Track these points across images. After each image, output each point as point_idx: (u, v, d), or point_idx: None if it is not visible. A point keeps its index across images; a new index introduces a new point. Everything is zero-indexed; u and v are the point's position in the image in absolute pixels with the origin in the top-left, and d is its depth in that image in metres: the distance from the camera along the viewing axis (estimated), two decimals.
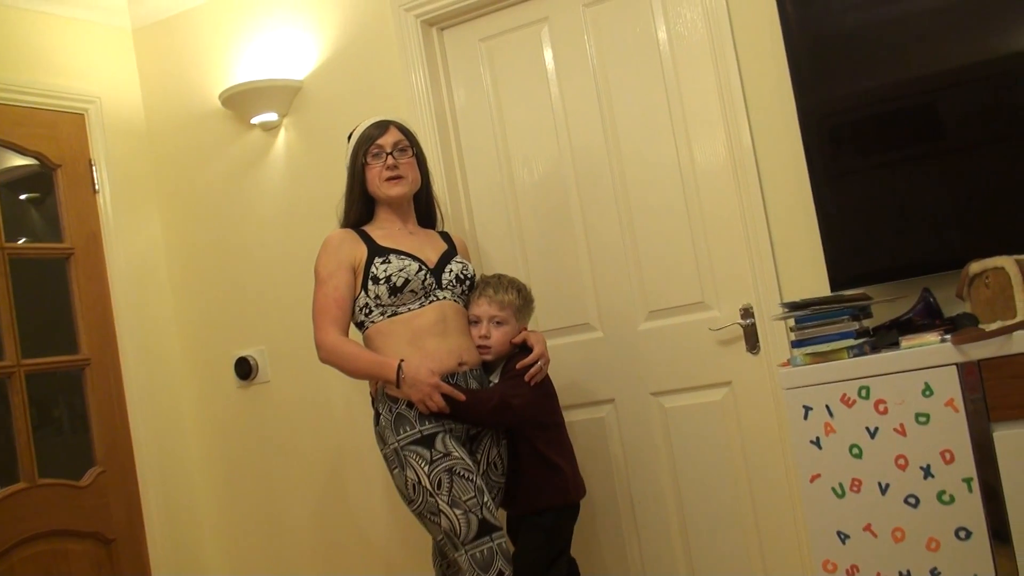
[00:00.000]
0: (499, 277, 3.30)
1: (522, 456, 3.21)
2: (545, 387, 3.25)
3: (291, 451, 4.19)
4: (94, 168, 4.21)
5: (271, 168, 4.18)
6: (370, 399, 3.23)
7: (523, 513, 3.23)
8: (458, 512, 2.94)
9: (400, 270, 3.11)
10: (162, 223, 4.44)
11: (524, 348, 3.24)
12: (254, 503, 4.28)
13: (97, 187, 4.21)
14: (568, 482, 3.22)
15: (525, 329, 3.30)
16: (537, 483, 3.19)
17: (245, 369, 4.22)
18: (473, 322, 3.24)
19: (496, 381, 3.24)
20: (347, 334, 3.15)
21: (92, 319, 4.13)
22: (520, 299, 3.26)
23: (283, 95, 4.08)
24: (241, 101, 4.07)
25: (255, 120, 4.12)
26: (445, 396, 3.02)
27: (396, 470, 3.05)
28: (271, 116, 4.10)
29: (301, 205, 4.11)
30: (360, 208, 3.27)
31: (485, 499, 2.99)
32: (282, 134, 4.15)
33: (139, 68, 4.47)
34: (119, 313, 4.20)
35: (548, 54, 3.77)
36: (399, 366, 3.01)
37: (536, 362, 3.19)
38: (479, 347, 3.22)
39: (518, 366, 3.18)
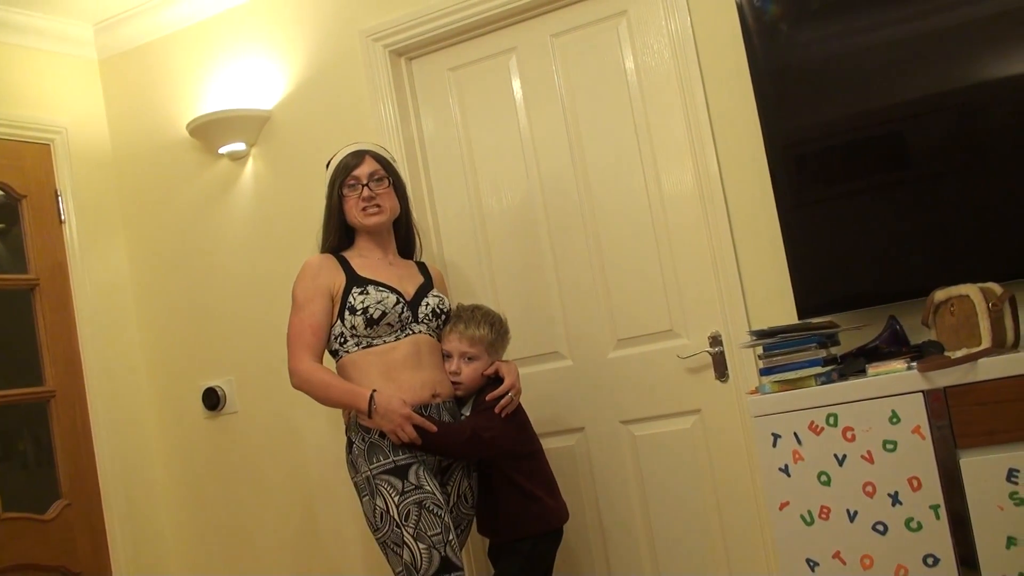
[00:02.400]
0: (473, 310, 3.27)
1: (499, 488, 3.19)
2: (517, 418, 3.24)
3: (260, 482, 4.16)
4: (60, 198, 4.18)
5: (239, 198, 4.17)
6: (344, 427, 3.21)
7: (505, 541, 3.22)
8: (422, 546, 2.92)
9: (378, 302, 3.10)
10: (129, 254, 4.41)
11: (496, 379, 3.24)
12: (222, 536, 4.24)
13: (63, 218, 4.19)
14: (548, 510, 3.20)
15: (495, 363, 3.28)
16: (516, 514, 3.17)
17: (213, 400, 4.20)
18: (445, 356, 3.23)
19: (467, 414, 3.23)
20: (321, 361, 3.14)
21: (57, 350, 4.09)
22: (492, 334, 3.23)
23: (251, 125, 4.08)
24: (209, 131, 4.06)
25: (223, 150, 4.10)
26: (417, 428, 3.01)
27: (366, 498, 3.03)
28: (239, 146, 4.09)
29: (269, 235, 4.09)
30: (339, 235, 3.25)
31: (450, 537, 2.97)
32: (250, 164, 4.14)
33: (105, 98, 4.46)
34: (85, 344, 4.16)
35: (516, 83, 3.79)
36: (371, 396, 3.00)
37: (507, 393, 3.18)
38: (451, 383, 3.22)
39: (488, 398, 3.17)
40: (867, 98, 3.06)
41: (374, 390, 3.01)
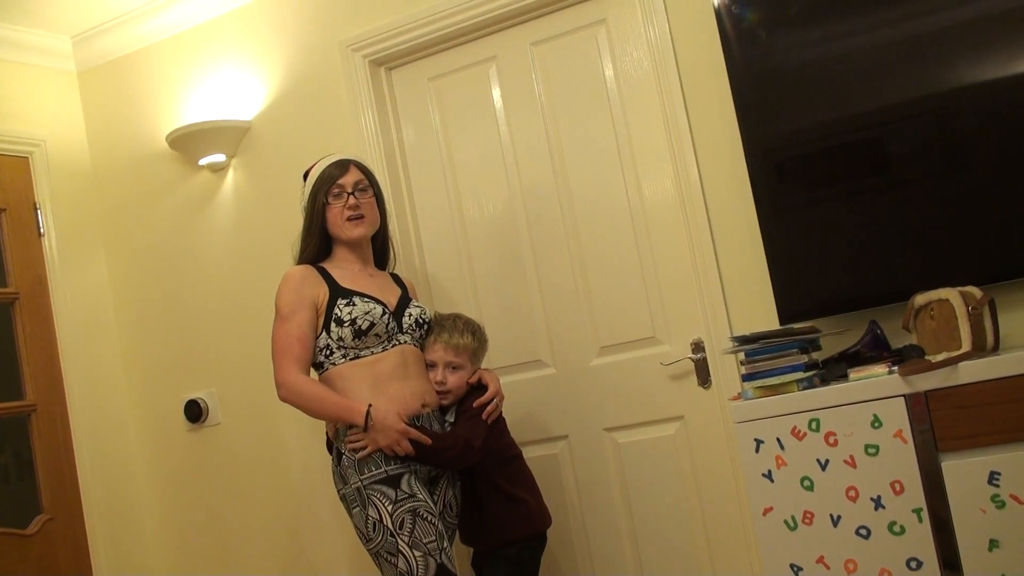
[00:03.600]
0: (454, 319, 3.28)
1: (484, 493, 3.19)
2: (499, 423, 3.26)
3: (244, 494, 4.14)
4: (39, 211, 4.17)
5: (219, 209, 4.16)
6: (325, 439, 3.20)
7: (490, 547, 3.22)
8: (417, 554, 2.92)
9: (366, 313, 3.09)
10: (109, 266, 4.40)
11: (478, 386, 3.24)
12: (206, 548, 4.22)
13: (42, 231, 4.17)
14: (532, 512, 3.21)
15: (478, 370, 3.29)
16: (501, 517, 3.18)
17: (195, 412, 4.18)
18: (430, 366, 3.23)
19: (450, 420, 3.23)
20: (308, 373, 3.12)
21: (38, 364, 4.07)
22: (476, 342, 3.26)
23: (231, 136, 4.07)
24: (188, 142, 4.05)
25: (203, 161, 4.09)
26: (411, 440, 3.01)
27: (356, 509, 3.02)
28: (219, 157, 4.08)
29: (250, 245, 4.08)
30: (318, 246, 3.24)
31: (445, 544, 2.98)
32: (230, 175, 4.14)
33: (84, 111, 4.44)
34: (65, 357, 4.14)
35: (496, 92, 3.79)
36: (368, 411, 3.00)
37: (492, 400, 3.19)
38: (437, 392, 3.22)
39: (475, 404, 3.18)
40: (846, 103, 3.07)
41: (370, 404, 3.01)
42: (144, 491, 4.32)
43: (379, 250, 3.37)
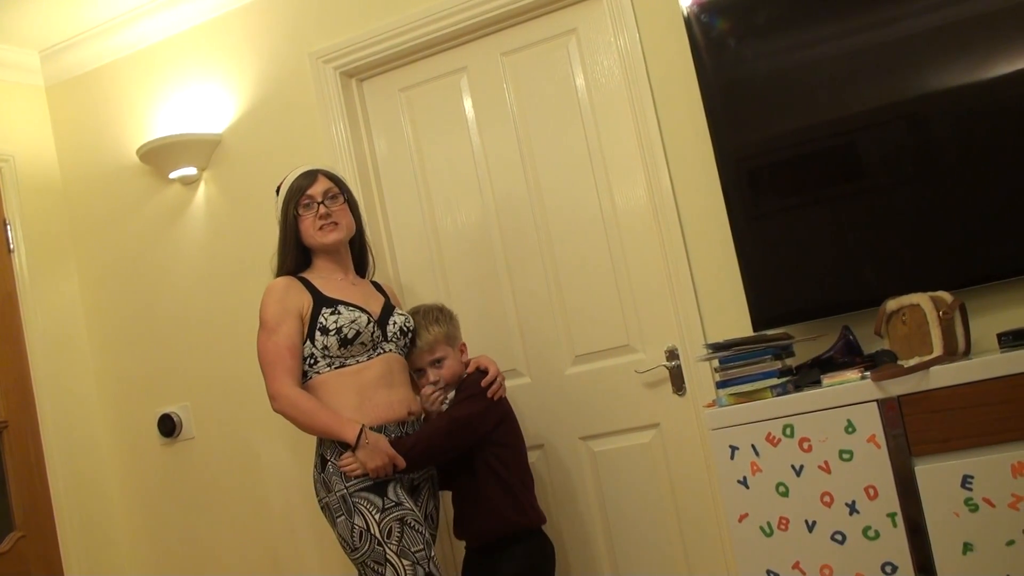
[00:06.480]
0: (415, 315, 3.30)
1: (480, 477, 3.17)
2: (503, 406, 3.25)
3: (219, 509, 4.12)
4: (8, 227, 4.13)
5: (191, 222, 4.14)
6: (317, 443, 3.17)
7: (482, 542, 3.20)
8: (406, 563, 2.91)
9: (351, 322, 3.09)
10: (80, 281, 4.37)
11: (477, 371, 3.26)
12: (181, 564, 4.18)
13: (12, 247, 4.13)
14: (524, 504, 3.19)
15: (463, 345, 3.34)
16: (495, 500, 3.15)
17: (169, 426, 4.15)
18: (418, 372, 3.25)
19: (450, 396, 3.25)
20: (300, 384, 3.10)
21: (9, 381, 4.03)
22: (442, 326, 3.27)
23: (202, 149, 4.05)
24: (159, 156, 4.03)
25: (174, 175, 4.07)
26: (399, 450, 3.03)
27: (341, 518, 3.00)
28: (190, 170, 4.06)
29: (222, 259, 4.07)
30: (296, 257, 3.23)
31: (432, 553, 2.97)
32: (202, 188, 4.12)
33: (53, 125, 4.41)
34: (37, 374, 4.11)
35: (467, 103, 3.79)
36: (361, 431, 2.98)
37: (495, 379, 3.22)
38: (436, 393, 3.23)
39: (483, 383, 3.19)
40: (816, 111, 3.09)
41: (363, 425, 3.00)
42: (118, 507, 4.29)
43: (357, 256, 3.36)
